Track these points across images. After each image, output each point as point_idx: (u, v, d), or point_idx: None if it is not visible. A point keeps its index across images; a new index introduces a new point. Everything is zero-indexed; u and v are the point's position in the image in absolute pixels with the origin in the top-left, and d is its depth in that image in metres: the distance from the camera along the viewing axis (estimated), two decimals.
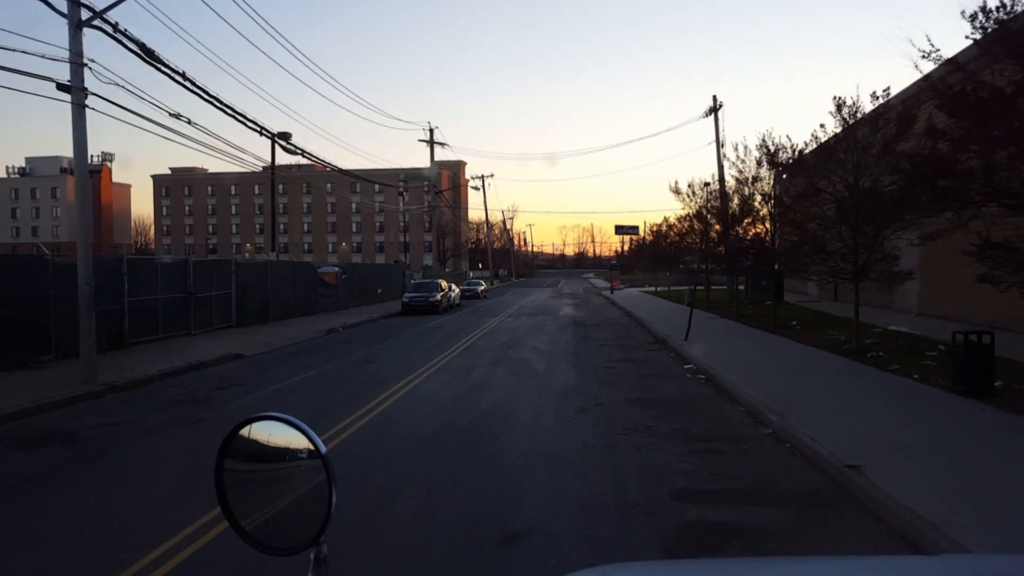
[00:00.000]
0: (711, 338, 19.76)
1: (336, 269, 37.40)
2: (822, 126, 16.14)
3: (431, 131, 45.31)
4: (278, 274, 28.82)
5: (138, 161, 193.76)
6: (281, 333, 23.35)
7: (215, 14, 35.74)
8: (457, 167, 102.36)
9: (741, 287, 38.13)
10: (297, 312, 29.79)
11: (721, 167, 36.78)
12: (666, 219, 45.91)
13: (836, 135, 15.85)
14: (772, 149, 17.81)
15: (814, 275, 18.93)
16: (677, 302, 38.39)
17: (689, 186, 33.08)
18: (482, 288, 52.24)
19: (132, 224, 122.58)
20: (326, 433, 8.92)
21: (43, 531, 5.95)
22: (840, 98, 15.44)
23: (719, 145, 38.97)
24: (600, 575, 1.57)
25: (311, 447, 1.57)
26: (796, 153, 17.07)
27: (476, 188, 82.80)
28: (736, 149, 22.55)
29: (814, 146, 16.93)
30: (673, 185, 33.43)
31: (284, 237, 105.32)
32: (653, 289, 53.71)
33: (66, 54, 13.04)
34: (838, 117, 15.52)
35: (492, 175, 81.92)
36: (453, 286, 40.30)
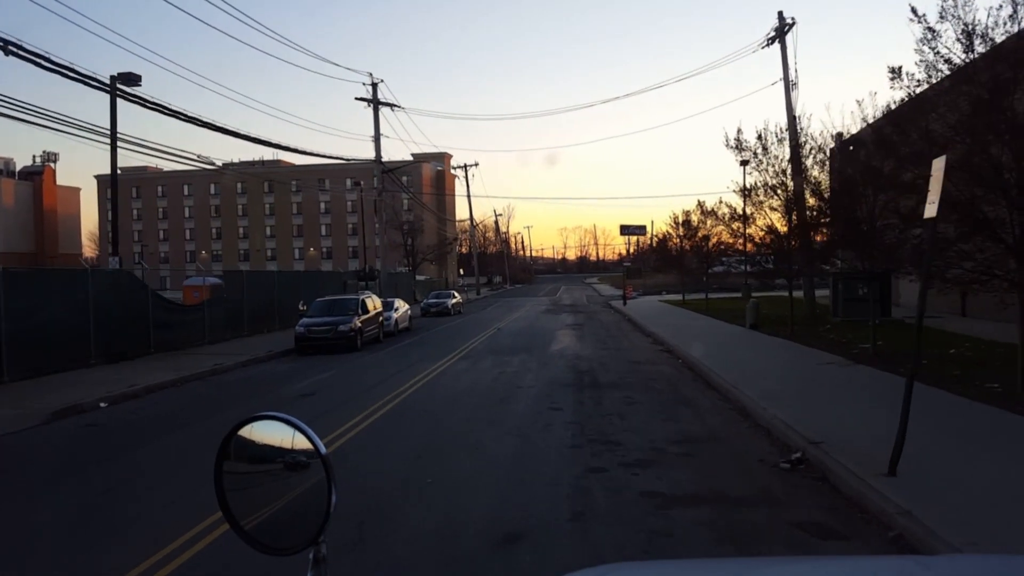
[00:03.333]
0: (961, 461, 7.02)
1: (214, 281, 24.74)
2: None
3: (374, 86, 32.57)
4: (35, 293, 16.03)
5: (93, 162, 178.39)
6: None
7: None
8: (441, 160, 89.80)
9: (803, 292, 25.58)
10: (95, 357, 17.07)
11: (793, 119, 24.10)
12: (701, 204, 33.28)
13: None
14: None
15: None
16: (726, 320, 25.69)
17: (760, 138, 20.39)
18: (454, 302, 39.48)
19: (99, 232, 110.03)
20: None
21: None
22: None
23: (788, 85, 26.29)
24: (600, 575, 1.56)
25: (311, 447, 1.55)
26: None
27: (456, 177, 70.44)
28: (919, 18, 8.84)
29: None
30: (733, 138, 20.79)
31: (244, 243, 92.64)
32: (679, 298, 40.82)
33: None
34: None
35: (476, 163, 69.04)
36: (398, 303, 27.54)
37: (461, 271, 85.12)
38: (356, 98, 32.14)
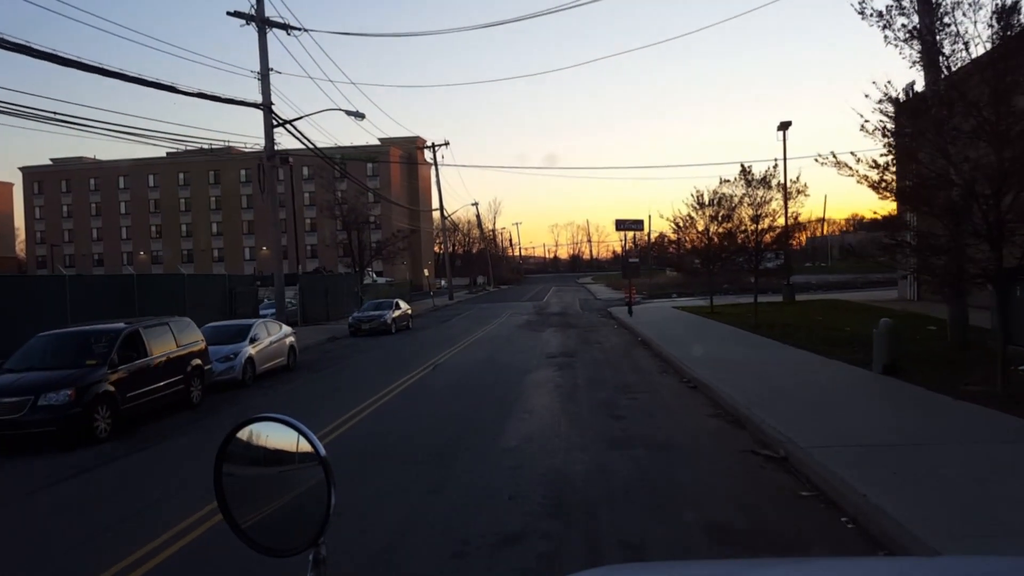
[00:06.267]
0: None
1: None
2: None
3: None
4: None
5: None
6: None
7: None
8: (412, 145, 78.94)
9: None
10: None
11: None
12: (745, 169, 22.53)
13: None
14: None
15: None
16: (809, 347, 14.98)
17: None
18: (396, 315, 28.62)
19: (25, 231, 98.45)
20: None
21: None
22: None
23: None
24: (600, 575, 1.53)
25: (310, 449, 1.53)
26: None
27: (431, 165, 59.93)
28: None
29: None
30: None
31: (188, 242, 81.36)
32: (703, 304, 30.04)
33: None
34: None
35: (447, 143, 58.07)
36: (261, 329, 16.63)
37: (427, 272, 74.19)
38: (229, 13, 21.21)
